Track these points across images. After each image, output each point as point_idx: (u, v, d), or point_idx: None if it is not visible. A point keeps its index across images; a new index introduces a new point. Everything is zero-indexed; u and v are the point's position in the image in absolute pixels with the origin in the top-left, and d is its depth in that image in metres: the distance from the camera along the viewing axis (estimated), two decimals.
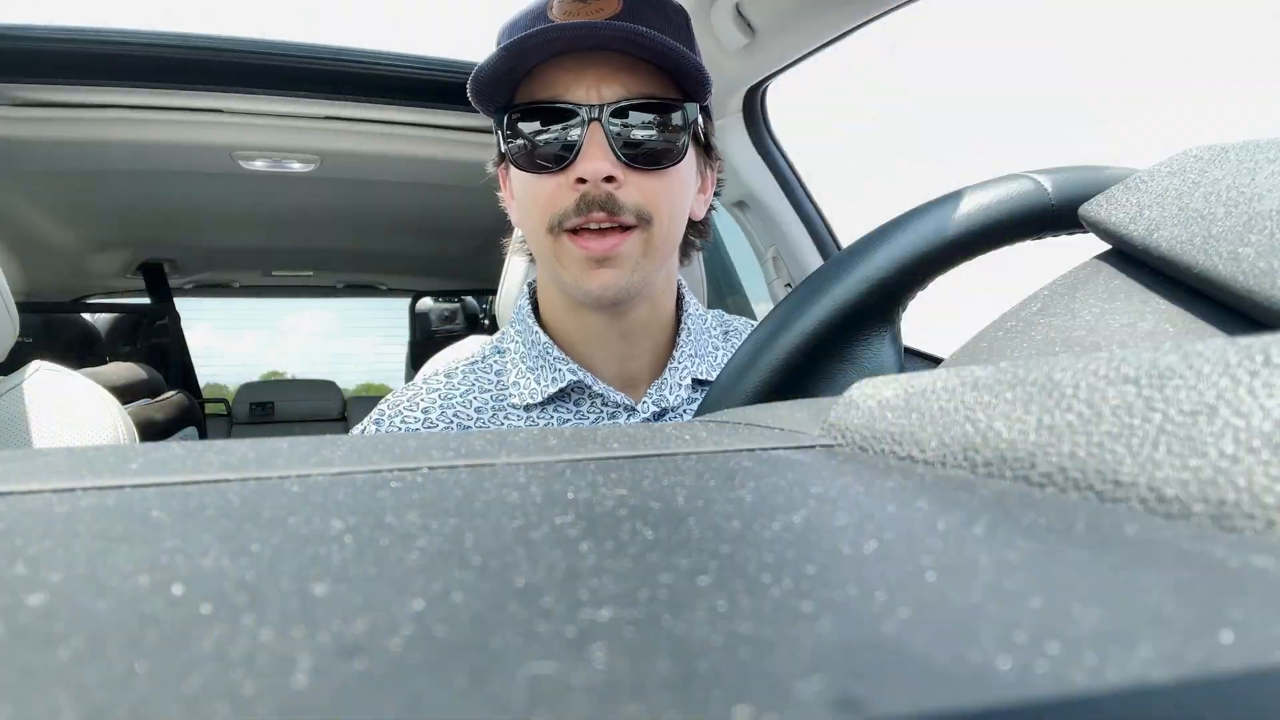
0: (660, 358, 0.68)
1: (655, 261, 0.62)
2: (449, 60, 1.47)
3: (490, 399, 0.66)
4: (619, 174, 0.58)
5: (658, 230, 0.60)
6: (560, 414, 0.65)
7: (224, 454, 0.22)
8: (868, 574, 0.12)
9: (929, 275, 0.43)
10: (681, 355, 0.67)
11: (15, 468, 0.20)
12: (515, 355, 0.68)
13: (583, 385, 0.64)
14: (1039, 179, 0.42)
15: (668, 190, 0.60)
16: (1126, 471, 0.16)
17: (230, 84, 1.42)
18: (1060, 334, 0.34)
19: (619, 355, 0.66)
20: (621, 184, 0.58)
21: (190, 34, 1.38)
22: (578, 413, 0.65)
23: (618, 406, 0.65)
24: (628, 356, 0.66)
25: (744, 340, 0.44)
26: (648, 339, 0.67)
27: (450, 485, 0.18)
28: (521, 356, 0.67)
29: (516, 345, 0.68)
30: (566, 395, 0.65)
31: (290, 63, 1.41)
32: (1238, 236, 0.28)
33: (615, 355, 0.66)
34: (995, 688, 0.09)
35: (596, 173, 0.57)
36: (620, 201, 0.58)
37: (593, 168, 0.57)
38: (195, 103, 1.47)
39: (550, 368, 0.65)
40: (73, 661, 0.09)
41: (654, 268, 0.62)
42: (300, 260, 3.09)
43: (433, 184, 1.97)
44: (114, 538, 0.14)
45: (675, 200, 0.62)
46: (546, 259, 0.63)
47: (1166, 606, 0.10)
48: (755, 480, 0.19)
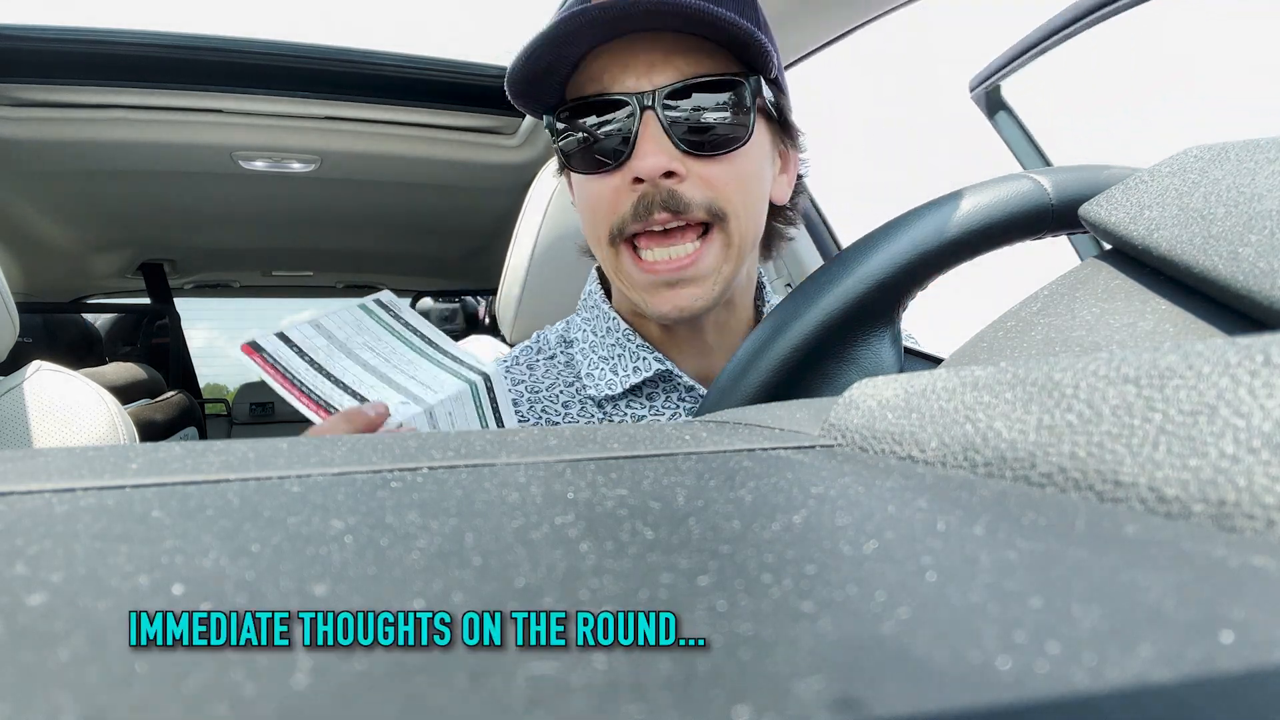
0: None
1: (736, 263, 0.55)
2: (450, 60, 1.48)
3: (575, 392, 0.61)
4: (679, 167, 0.51)
5: (735, 226, 0.53)
6: (634, 409, 0.59)
7: (224, 454, 0.22)
8: (868, 574, 0.12)
9: (929, 275, 0.43)
10: None
11: (15, 468, 0.20)
12: (585, 345, 0.62)
13: (668, 375, 0.59)
14: (1039, 179, 0.42)
15: (738, 178, 0.53)
16: (1127, 471, 0.16)
17: (230, 84, 1.42)
18: (1060, 334, 0.34)
19: (694, 354, 0.61)
20: (684, 177, 0.52)
21: (190, 34, 1.38)
22: (653, 408, 0.59)
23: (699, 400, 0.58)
24: (703, 355, 0.61)
25: (745, 340, 0.44)
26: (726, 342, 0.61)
27: (450, 485, 0.18)
28: (593, 346, 0.61)
29: (585, 334, 0.62)
30: (639, 388, 0.59)
31: (290, 63, 1.41)
32: (1238, 236, 0.28)
33: (690, 354, 0.61)
34: (995, 688, 0.09)
35: (653, 169, 0.51)
36: (685, 197, 0.52)
37: (648, 164, 0.50)
38: (195, 103, 1.47)
39: (632, 356, 0.59)
40: (73, 661, 0.09)
41: (736, 270, 0.55)
42: (300, 260, 3.09)
43: (433, 184, 1.98)
44: (114, 538, 0.14)
45: (750, 188, 0.54)
46: (611, 274, 0.57)
47: (1166, 606, 0.10)
48: (755, 480, 0.19)
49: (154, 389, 2.48)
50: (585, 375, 0.60)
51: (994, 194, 0.42)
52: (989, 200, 0.42)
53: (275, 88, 1.44)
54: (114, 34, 1.34)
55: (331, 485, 0.18)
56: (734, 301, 0.60)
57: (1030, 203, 0.42)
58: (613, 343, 0.61)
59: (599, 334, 0.61)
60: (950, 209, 0.42)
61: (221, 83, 1.42)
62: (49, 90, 1.39)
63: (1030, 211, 0.42)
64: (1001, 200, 0.42)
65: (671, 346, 0.61)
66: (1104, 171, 0.42)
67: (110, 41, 1.33)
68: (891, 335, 0.43)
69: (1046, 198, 0.42)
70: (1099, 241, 0.37)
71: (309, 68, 1.43)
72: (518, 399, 0.60)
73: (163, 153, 1.68)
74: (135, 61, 1.36)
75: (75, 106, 1.44)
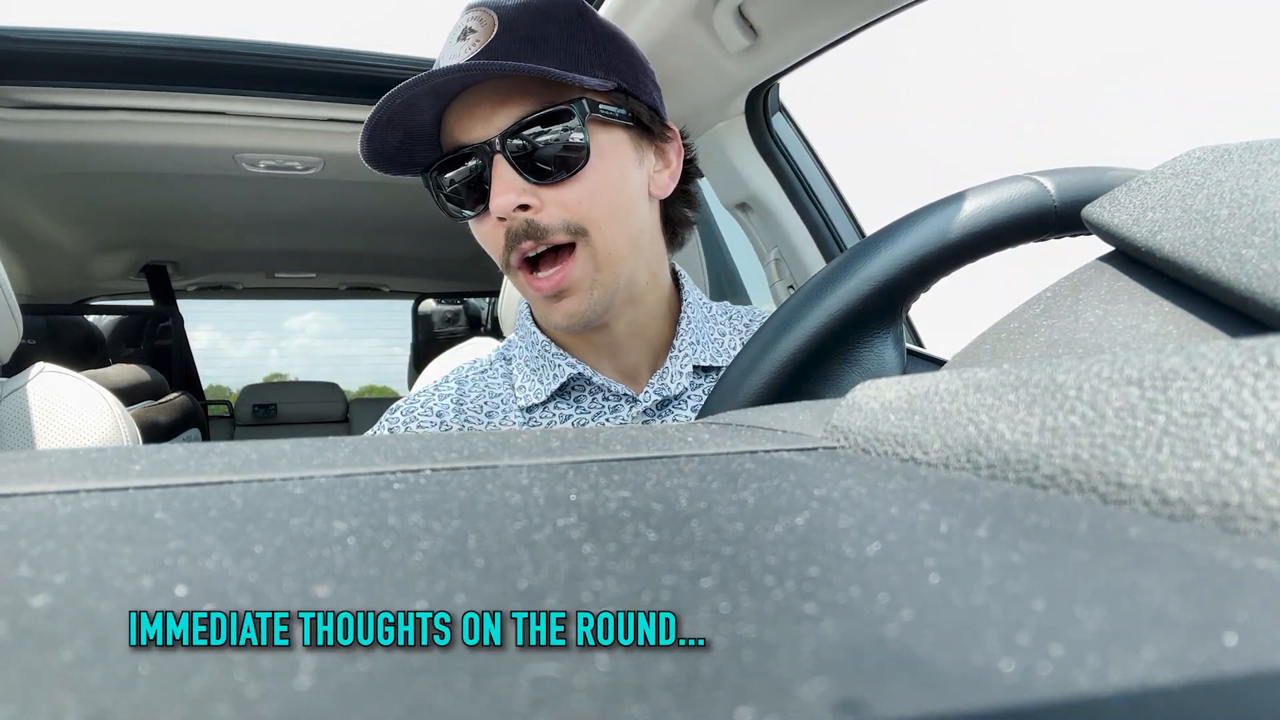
0: (659, 349, 0.67)
1: (614, 270, 0.60)
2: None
3: (500, 402, 0.66)
4: (531, 199, 0.57)
5: (598, 237, 0.59)
6: (561, 410, 0.65)
7: (227, 456, 0.22)
8: (871, 576, 0.12)
9: (931, 277, 0.43)
10: (682, 343, 0.66)
11: (19, 469, 0.20)
12: (520, 360, 0.68)
13: (583, 379, 0.64)
14: (1042, 181, 0.42)
15: (590, 194, 0.58)
16: (1130, 473, 0.16)
17: (233, 86, 1.43)
18: (1063, 336, 0.34)
19: (613, 355, 0.66)
20: (540, 207, 0.57)
21: (193, 37, 1.39)
22: (579, 408, 0.65)
23: (619, 398, 0.64)
24: (623, 355, 0.66)
25: (747, 342, 0.44)
26: (641, 340, 0.66)
27: (453, 487, 0.18)
28: (525, 360, 0.67)
29: (520, 350, 0.68)
30: (567, 392, 0.65)
31: (293, 65, 1.42)
32: (1241, 238, 0.28)
33: (609, 356, 0.66)
34: (998, 690, 0.08)
35: (505, 207, 0.57)
36: (542, 224, 0.57)
37: (499, 203, 0.57)
38: (198, 105, 1.47)
39: (550, 365, 0.65)
40: (76, 663, 0.09)
41: (615, 276, 0.60)
42: (303, 262, 3.10)
43: None
44: (117, 539, 0.14)
45: (609, 198, 0.59)
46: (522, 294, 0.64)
47: (1170, 608, 0.10)
48: (758, 482, 0.19)
49: (157, 391, 2.48)
50: (519, 387, 0.66)
51: (997, 195, 0.42)
52: (991, 202, 0.42)
53: (278, 90, 1.45)
54: (117, 37, 1.34)
55: (334, 487, 0.18)
56: (640, 300, 0.65)
57: (1033, 204, 0.42)
58: (536, 354, 0.66)
59: (527, 348, 0.68)
60: (953, 210, 0.42)
61: (224, 85, 1.42)
62: (53, 93, 1.39)
63: (1033, 213, 0.42)
64: (1004, 202, 0.42)
65: (589, 351, 0.66)
66: (1107, 173, 0.42)
67: (113, 44, 1.34)
68: (894, 337, 0.43)
69: (1049, 199, 0.42)
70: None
71: (311, 70, 1.43)
72: (443, 410, 0.66)
73: (166, 155, 1.68)
74: (138, 64, 1.36)
75: (79, 109, 1.45)
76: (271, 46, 1.41)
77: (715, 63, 1.16)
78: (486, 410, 0.66)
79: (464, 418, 0.65)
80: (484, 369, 0.70)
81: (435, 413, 0.65)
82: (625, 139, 0.62)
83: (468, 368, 0.71)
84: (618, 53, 0.61)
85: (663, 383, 0.64)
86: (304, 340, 7.07)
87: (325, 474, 0.20)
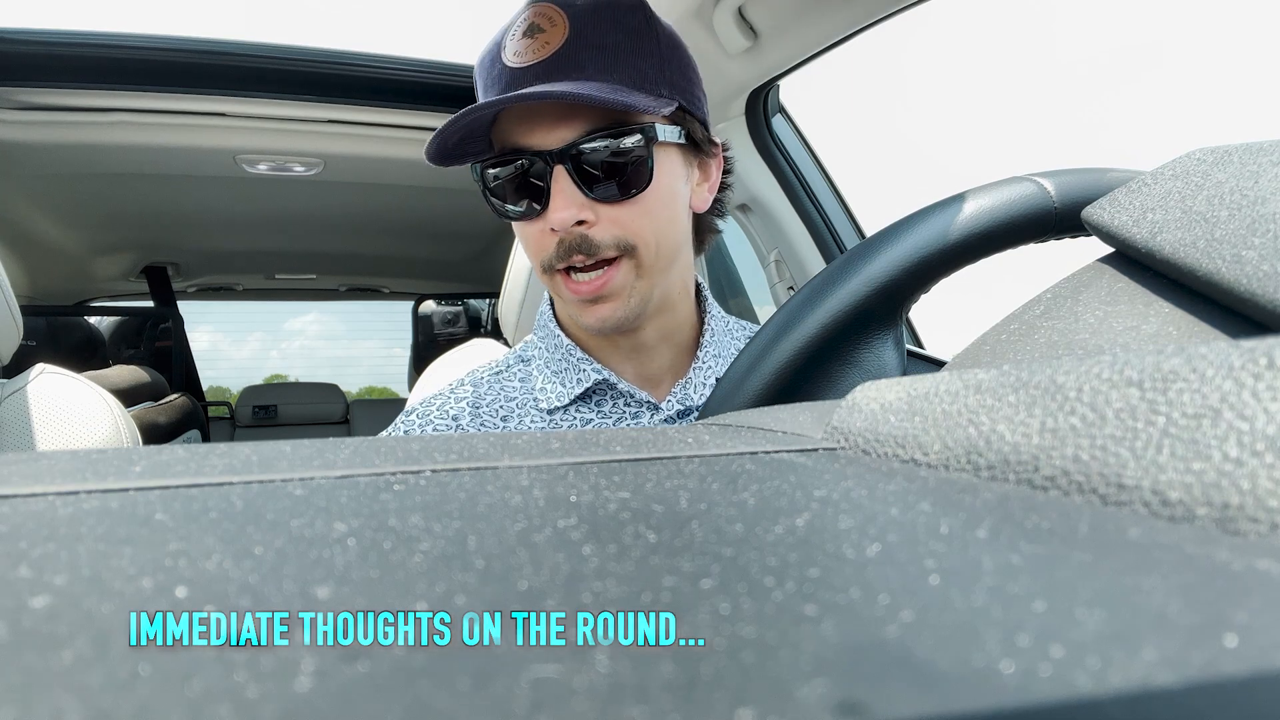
0: (683, 358, 0.67)
1: (652, 280, 0.61)
2: (451, 64, 1.48)
3: (516, 405, 0.66)
4: (589, 214, 0.58)
5: (645, 253, 0.60)
6: (583, 414, 0.65)
7: (227, 457, 0.22)
8: (871, 577, 0.12)
9: (932, 279, 0.43)
10: (706, 354, 0.66)
11: (19, 470, 0.20)
12: (540, 361, 0.68)
13: (608, 384, 0.64)
14: (1042, 182, 0.42)
15: (645, 214, 0.59)
16: (1130, 475, 0.16)
17: (233, 88, 1.43)
18: (1063, 337, 0.34)
19: (637, 362, 0.66)
20: (595, 222, 0.58)
21: (193, 38, 1.39)
22: (600, 413, 0.65)
23: (641, 405, 0.64)
24: (647, 362, 0.66)
25: (747, 343, 0.44)
26: (668, 345, 0.66)
27: (453, 488, 0.18)
28: (546, 362, 0.67)
29: (540, 351, 0.68)
30: (589, 396, 0.65)
31: (293, 66, 1.42)
32: (1241, 239, 0.28)
33: (633, 362, 0.66)
34: (999, 691, 0.08)
35: (564, 221, 0.57)
36: (596, 241, 0.58)
37: (559, 217, 0.57)
38: (198, 106, 1.47)
39: (575, 369, 0.65)
40: (77, 664, 0.09)
41: (652, 286, 0.62)
42: (303, 264, 3.10)
43: (435, 187, 1.98)
44: (118, 540, 0.14)
45: (657, 219, 0.61)
46: (553, 295, 0.64)
47: (1170, 610, 0.10)
48: (758, 483, 0.19)
49: (157, 392, 2.48)
50: (539, 390, 0.66)
51: (996, 197, 0.42)
52: (991, 203, 0.42)
53: (278, 91, 1.45)
54: (118, 38, 1.34)
55: (334, 488, 0.18)
56: (670, 310, 0.66)
57: (1033, 206, 0.42)
58: (559, 357, 0.66)
59: (550, 350, 0.67)
60: (953, 212, 0.42)
61: (225, 86, 1.42)
62: (54, 94, 1.39)
63: (1033, 214, 0.42)
64: (1004, 203, 0.42)
65: (613, 354, 0.66)
66: (1107, 174, 0.42)
67: (114, 45, 1.34)
68: (894, 338, 0.43)
69: (1049, 201, 0.42)
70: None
71: (312, 71, 1.43)
72: (459, 414, 0.66)
73: (166, 156, 1.68)
74: (139, 65, 1.36)
75: (79, 110, 1.45)
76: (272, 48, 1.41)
77: (715, 64, 1.16)
78: (503, 414, 0.66)
79: (480, 421, 0.65)
80: (499, 371, 0.70)
81: (451, 416, 0.65)
82: (678, 157, 0.62)
83: (483, 370, 0.70)
84: (679, 66, 0.61)
85: (685, 391, 0.65)
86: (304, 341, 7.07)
87: (325, 475, 0.20)
